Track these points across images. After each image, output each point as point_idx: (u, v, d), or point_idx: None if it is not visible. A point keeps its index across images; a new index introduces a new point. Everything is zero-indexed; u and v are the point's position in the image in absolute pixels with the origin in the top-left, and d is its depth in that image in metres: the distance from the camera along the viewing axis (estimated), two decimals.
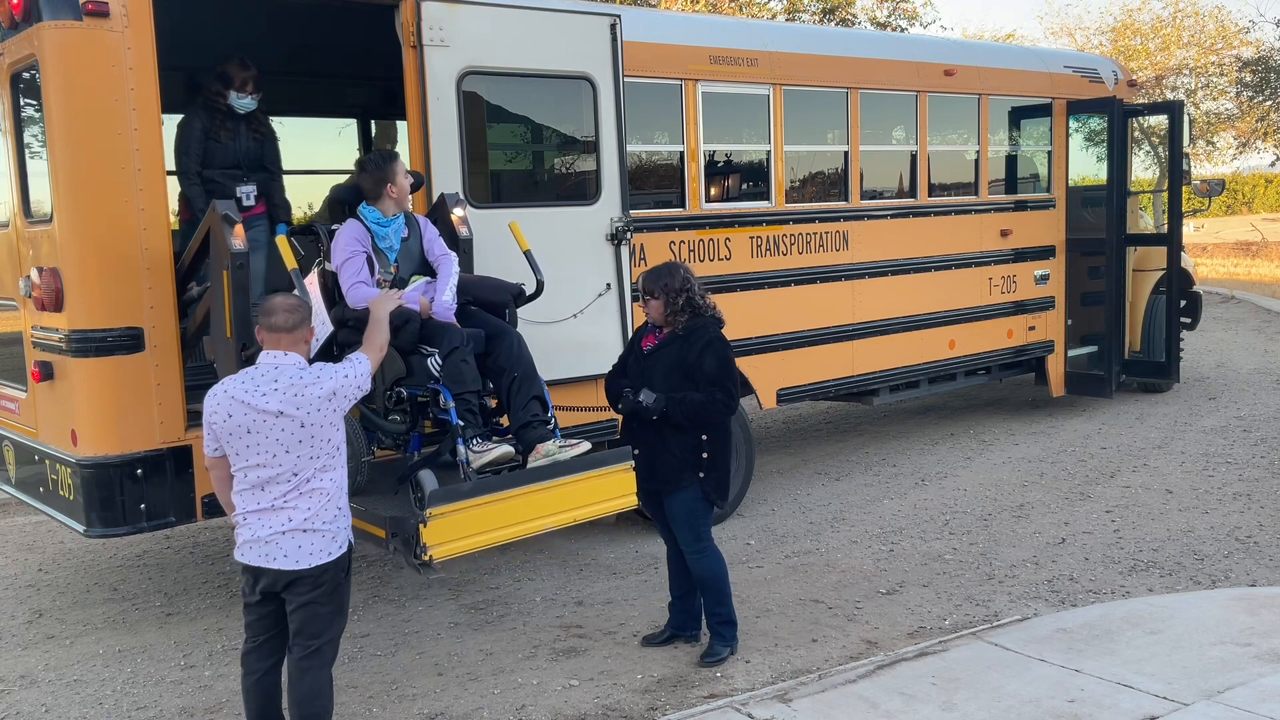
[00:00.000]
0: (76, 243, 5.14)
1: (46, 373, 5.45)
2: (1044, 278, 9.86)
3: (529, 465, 4.75)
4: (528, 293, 5.41)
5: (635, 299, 6.68)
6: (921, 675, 4.73)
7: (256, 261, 5.75)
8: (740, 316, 7.59)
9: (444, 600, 6.22)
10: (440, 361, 4.71)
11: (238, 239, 4.94)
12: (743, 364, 7.62)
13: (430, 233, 5.25)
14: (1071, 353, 10.19)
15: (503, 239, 5.58)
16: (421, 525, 4.34)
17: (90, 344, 5.18)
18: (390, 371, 4.93)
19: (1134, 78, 11.20)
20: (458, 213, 5.52)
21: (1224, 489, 7.75)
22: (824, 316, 8.10)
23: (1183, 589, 5.91)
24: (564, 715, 4.71)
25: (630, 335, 5.29)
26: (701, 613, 5.32)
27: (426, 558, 4.34)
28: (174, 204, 6.02)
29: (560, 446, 4.78)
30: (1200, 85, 26.28)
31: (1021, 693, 4.51)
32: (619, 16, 6.60)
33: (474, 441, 4.67)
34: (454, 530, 4.42)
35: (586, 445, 4.85)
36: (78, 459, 5.27)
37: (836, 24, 21.46)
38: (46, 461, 5.65)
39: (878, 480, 8.44)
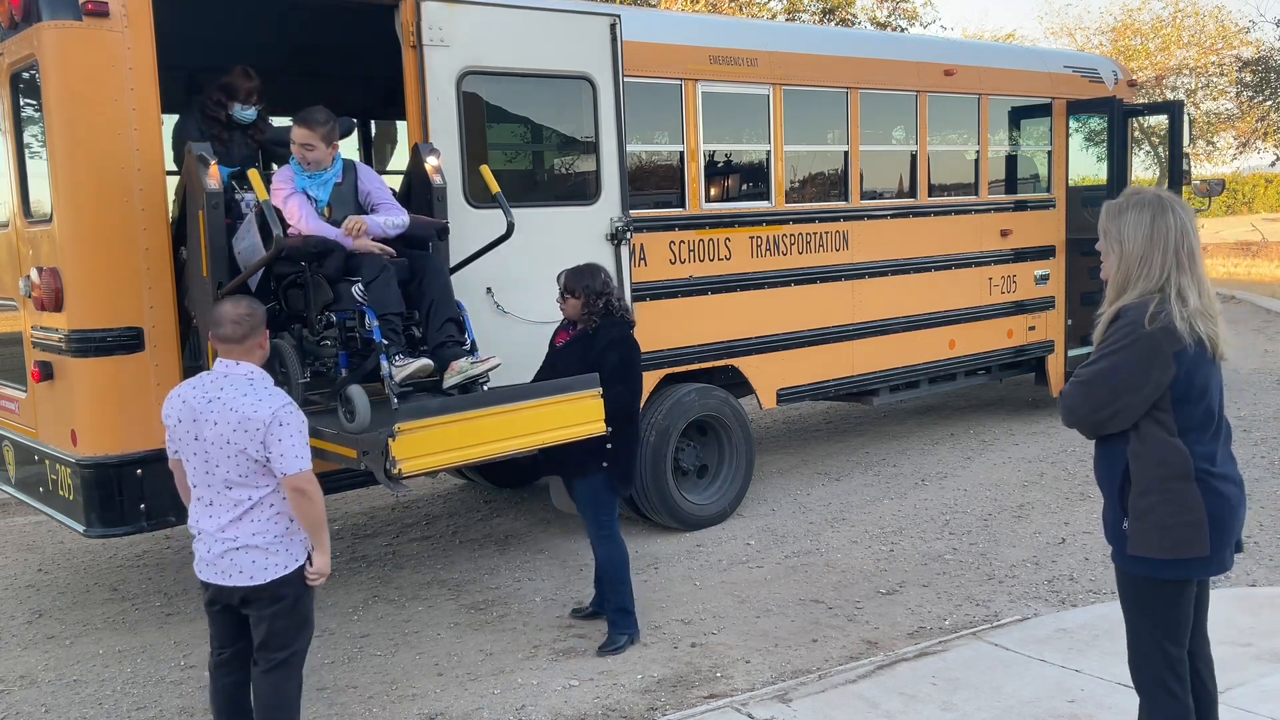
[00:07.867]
0: (76, 243, 5.14)
1: (46, 373, 5.44)
2: (1044, 278, 9.86)
3: (445, 383, 4.98)
4: (498, 235, 5.59)
5: (634, 299, 6.72)
6: (921, 675, 4.74)
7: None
8: (740, 316, 7.61)
9: (444, 600, 6.22)
10: (364, 287, 4.94)
11: (212, 179, 5.02)
12: (743, 364, 7.67)
13: (371, 183, 5.37)
14: (1072, 353, 10.17)
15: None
16: (390, 439, 4.45)
17: (90, 344, 5.18)
18: (319, 299, 5.12)
19: (1134, 78, 11.20)
20: (431, 161, 5.66)
21: None
22: (824, 316, 8.10)
23: None
24: (564, 715, 4.71)
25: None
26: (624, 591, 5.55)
27: (396, 471, 4.48)
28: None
29: (472, 363, 5.01)
30: (1200, 85, 26.34)
31: (1021, 693, 4.51)
32: (619, 16, 6.60)
33: (396, 358, 4.87)
34: (422, 446, 4.57)
35: (496, 360, 5.05)
36: (77, 459, 5.27)
37: (836, 24, 21.46)
38: (46, 461, 5.65)
39: (878, 480, 8.44)
